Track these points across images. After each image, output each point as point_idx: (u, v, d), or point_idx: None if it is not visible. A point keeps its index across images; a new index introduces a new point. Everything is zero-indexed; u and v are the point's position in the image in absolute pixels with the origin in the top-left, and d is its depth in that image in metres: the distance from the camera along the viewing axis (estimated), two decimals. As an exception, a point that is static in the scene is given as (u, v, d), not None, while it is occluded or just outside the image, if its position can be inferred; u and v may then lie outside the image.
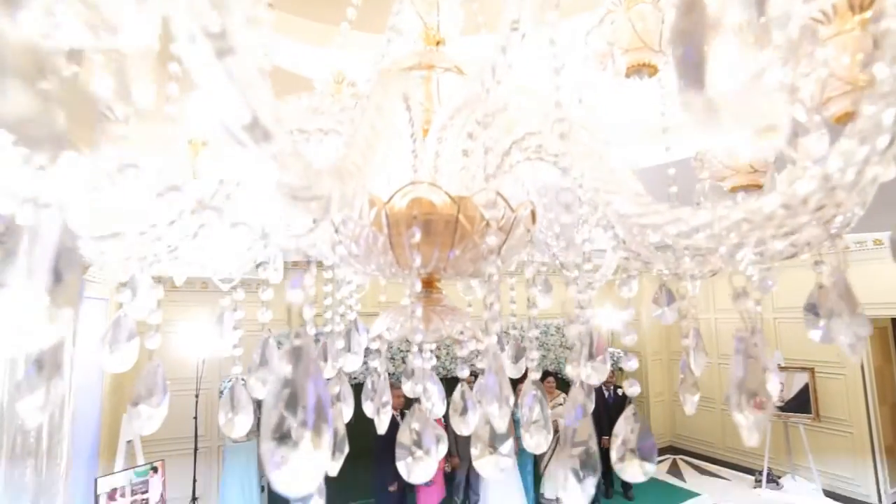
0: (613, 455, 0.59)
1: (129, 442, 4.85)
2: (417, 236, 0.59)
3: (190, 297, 7.32)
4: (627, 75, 0.85)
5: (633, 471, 0.58)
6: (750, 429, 0.42)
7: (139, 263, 0.75)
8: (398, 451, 0.60)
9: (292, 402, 0.33)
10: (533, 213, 0.78)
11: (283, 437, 0.32)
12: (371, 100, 0.52)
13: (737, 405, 0.42)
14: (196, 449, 6.77)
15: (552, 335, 8.83)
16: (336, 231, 0.70)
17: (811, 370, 7.29)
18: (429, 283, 0.77)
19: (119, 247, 0.47)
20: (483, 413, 0.60)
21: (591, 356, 0.66)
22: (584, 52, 0.88)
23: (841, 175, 0.35)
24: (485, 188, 0.60)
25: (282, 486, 0.33)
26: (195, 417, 6.76)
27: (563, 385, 7.89)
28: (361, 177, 0.45)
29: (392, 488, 5.48)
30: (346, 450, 0.72)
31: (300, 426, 0.32)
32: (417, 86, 0.80)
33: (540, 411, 0.67)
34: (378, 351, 0.82)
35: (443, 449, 0.67)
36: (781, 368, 7.57)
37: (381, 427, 0.85)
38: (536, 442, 0.72)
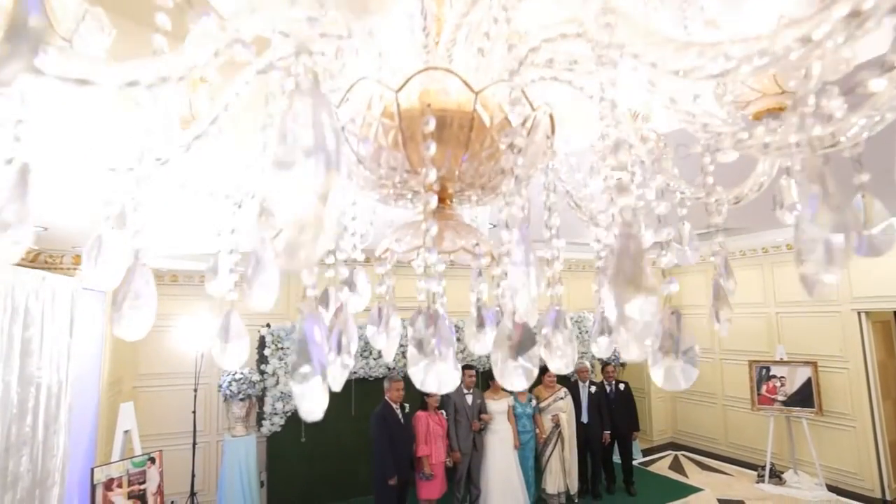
0: (650, 360, 0.53)
1: (126, 432, 4.78)
2: (432, 124, 0.54)
3: (189, 290, 7.29)
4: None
5: (672, 375, 0.52)
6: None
7: (126, 177, 0.70)
8: (410, 356, 0.55)
9: (297, 132, 0.28)
10: (552, 120, 0.73)
11: (283, 164, 0.27)
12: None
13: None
14: (195, 444, 6.70)
15: (553, 330, 8.78)
16: (343, 129, 0.66)
17: (814, 364, 7.24)
18: (441, 200, 0.73)
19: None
20: (506, 320, 0.55)
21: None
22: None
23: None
24: (503, 80, 0.56)
25: (283, 210, 0.27)
26: (193, 412, 6.70)
27: (561, 380, 7.84)
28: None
29: (392, 482, 5.40)
30: (351, 364, 0.67)
31: (306, 153, 0.27)
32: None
33: (564, 326, 0.62)
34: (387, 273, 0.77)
35: (456, 378, 0.61)
36: (784, 363, 7.53)
37: (389, 356, 0.80)
38: (558, 366, 0.67)
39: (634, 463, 7.69)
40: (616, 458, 7.56)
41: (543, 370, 6.66)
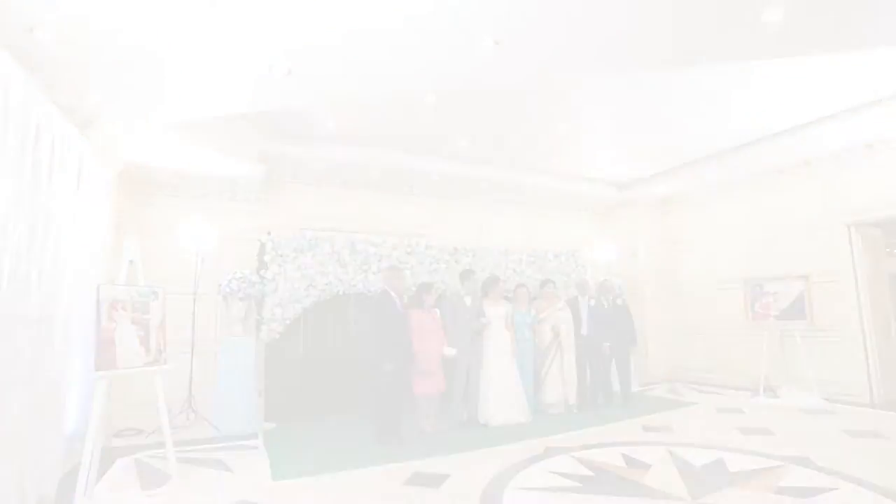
0: None
1: (131, 262, 4.77)
2: None
3: (189, 204, 7.30)
4: None
5: None
6: None
7: None
8: None
9: None
10: None
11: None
12: None
13: None
14: (193, 349, 6.65)
15: (550, 261, 8.89)
16: None
17: (806, 277, 7.39)
18: None
19: None
20: None
21: None
22: None
23: None
24: None
25: None
26: (192, 314, 6.67)
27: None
28: None
29: (391, 367, 5.43)
30: None
31: None
32: None
33: None
34: None
35: None
36: (777, 278, 7.68)
37: None
38: None
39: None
40: (616, 391, 7.60)
41: (544, 284, 6.81)
